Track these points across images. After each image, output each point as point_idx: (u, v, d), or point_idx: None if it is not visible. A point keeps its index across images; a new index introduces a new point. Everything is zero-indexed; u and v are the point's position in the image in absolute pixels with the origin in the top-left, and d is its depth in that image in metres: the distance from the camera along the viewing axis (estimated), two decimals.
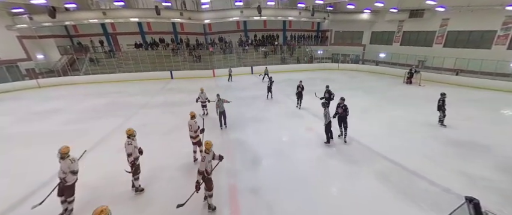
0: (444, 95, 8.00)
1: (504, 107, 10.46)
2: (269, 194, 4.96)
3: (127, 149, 4.79)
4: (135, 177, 5.04)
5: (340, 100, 7.12)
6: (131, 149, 4.79)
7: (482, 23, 15.80)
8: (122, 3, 17.54)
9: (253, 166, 6.18)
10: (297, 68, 22.33)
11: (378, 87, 14.61)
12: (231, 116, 10.03)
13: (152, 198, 5.01)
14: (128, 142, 4.80)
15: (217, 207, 4.59)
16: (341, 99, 7.12)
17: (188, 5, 23.04)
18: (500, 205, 4.36)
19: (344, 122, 7.15)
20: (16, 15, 17.74)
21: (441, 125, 8.14)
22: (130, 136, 4.88)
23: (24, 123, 10.20)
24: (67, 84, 19.17)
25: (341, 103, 7.05)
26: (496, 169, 5.58)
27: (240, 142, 7.58)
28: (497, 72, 14.07)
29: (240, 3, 19.92)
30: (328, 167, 6.04)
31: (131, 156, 4.80)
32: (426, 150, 6.61)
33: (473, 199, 2.18)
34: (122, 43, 23.18)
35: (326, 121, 6.79)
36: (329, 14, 24.03)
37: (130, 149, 4.78)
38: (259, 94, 13.44)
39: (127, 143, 4.80)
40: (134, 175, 5.02)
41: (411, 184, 5.17)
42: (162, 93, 15.30)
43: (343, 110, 6.99)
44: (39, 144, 7.98)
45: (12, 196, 5.15)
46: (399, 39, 21.48)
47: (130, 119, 10.16)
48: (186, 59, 21.75)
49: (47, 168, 6.20)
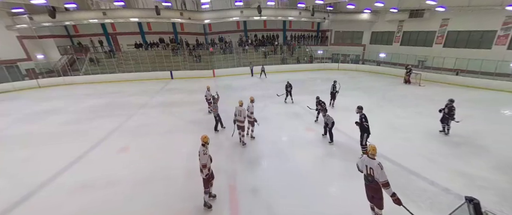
0: (452, 101, 7.16)
1: (504, 107, 10.44)
2: (269, 195, 4.96)
3: (202, 159, 4.15)
4: (206, 190, 4.41)
5: (358, 110, 6.23)
6: (206, 160, 4.19)
7: (482, 23, 15.78)
8: (122, 3, 17.52)
9: (253, 166, 6.17)
10: (297, 68, 22.31)
11: (378, 88, 14.60)
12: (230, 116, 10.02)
13: (152, 198, 5.00)
14: (203, 150, 4.17)
15: (217, 207, 4.58)
16: (358, 109, 6.21)
17: (188, 5, 23.04)
18: (500, 205, 4.36)
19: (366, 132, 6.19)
20: (16, 15, 17.73)
21: (445, 134, 7.53)
22: (206, 143, 4.22)
23: (24, 123, 10.20)
24: (66, 84, 19.18)
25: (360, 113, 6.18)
26: (496, 169, 5.58)
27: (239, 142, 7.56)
28: (497, 73, 14.06)
29: (240, 3, 19.89)
30: (328, 167, 6.04)
31: (206, 167, 4.20)
32: (426, 150, 6.61)
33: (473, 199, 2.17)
34: (122, 43, 23.17)
35: (330, 124, 7.03)
36: (329, 14, 24.02)
37: (205, 159, 4.18)
38: (259, 94, 13.43)
39: (203, 152, 4.14)
40: (205, 188, 4.39)
41: (411, 184, 5.16)
42: (162, 93, 15.29)
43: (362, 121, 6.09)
44: (38, 144, 7.99)
45: (12, 196, 5.14)
46: (399, 39, 21.47)
47: (130, 119, 10.16)
48: (186, 59, 21.74)
49: (46, 168, 6.22)
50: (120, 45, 23.18)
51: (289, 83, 11.58)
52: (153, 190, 5.27)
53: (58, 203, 4.92)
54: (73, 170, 6.22)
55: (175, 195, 5.08)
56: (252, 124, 7.49)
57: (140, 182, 5.57)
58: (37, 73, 19.54)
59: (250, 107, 7.10)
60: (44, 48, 20.54)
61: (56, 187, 5.50)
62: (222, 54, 22.61)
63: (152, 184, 5.49)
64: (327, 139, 7.36)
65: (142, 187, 5.36)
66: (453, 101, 7.22)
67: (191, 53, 22.37)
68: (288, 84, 11.55)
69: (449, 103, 7.23)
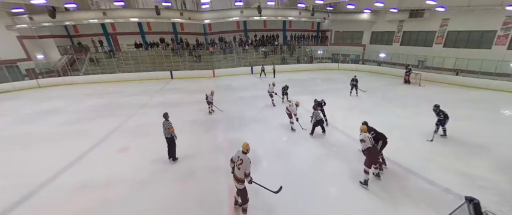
0: (438, 106, 7.16)
1: (504, 107, 10.44)
2: (268, 195, 4.94)
3: (248, 168, 3.94)
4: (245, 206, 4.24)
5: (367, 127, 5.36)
6: (250, 168, 4.00)
7: (482, 23, 15.77)
8: (122, 3, 17.52)
9: (253, 166, 6.09)
10: (297, 68, 22.30)
11: (378, 88, 14.60)
12: (230, 116, 10.05)
13: (151, 198, 5.00)
14: (248, 159, 3.98)
15: (216, 207, 4.58)
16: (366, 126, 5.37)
17: (188, 5, 23.04)
18: (500, 205, 4.35)
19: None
20: (16, 15, 17.72)
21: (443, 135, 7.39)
22: (247, 151, 4.04)
23: (24, 123, 10.20)
24: (66, 84, 19.18)
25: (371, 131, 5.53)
26: (496, 169, 5.57)
27: (240, 142, 7.49)
28: (497, 73, 14.05)
29: (240, 3, 19.89)
30: (328, 168, 6.03)
31: (249, 175, 4.01)
32: (425, 150, 6.60)
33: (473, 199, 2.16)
34: (122, 43, 23.16)
35: (314, 119, 7.49)
36: (329, 14, 24.01)
37: (250, 167, 4.00)
38: (259, 94, 13.43)
39: (249, 161, 3.97)
40: (244, 203, 4.21)
41: (411, 184, 5.16)
42: (162, 93, 15.29)
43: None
44: (39, 144, 7.99)
45: (12, 196, 5.14)
46: (399, 39, 21.46)
47: (130, 119, 10.16)
48: (186, 59, 21.74)
49: (46, 168, 6.22)
50: (120, 45, 23.18)
51: (287, 86, 11.81)
52: (153, 190, 5.26)
53: (58, 203, 4.92)
54: (73, 170, 6.22)
55: (175, 195, 5.08)
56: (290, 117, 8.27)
57: (140, 182, 5.57)
58: (37, 73, 19.54)
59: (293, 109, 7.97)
60: (44, 48, 20.55)
61: (56, 187, 5.50)
62: (222, 54, 22.62)
63: (152, 184, 5.49)
64: (326, 138, 7.31)
65: (142, 187, 5.36)
66: (437, 106, 7.20)
67: (191, 53, 22.37)
68: (285, 86, 11.73)
69: (435, 109, 7.19)
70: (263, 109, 10.96)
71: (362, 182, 5.10)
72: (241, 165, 3.93)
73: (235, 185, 4.08)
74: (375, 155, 4.97)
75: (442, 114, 7.09)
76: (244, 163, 3.91)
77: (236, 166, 4.03)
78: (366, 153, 4.91)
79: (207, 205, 4.73)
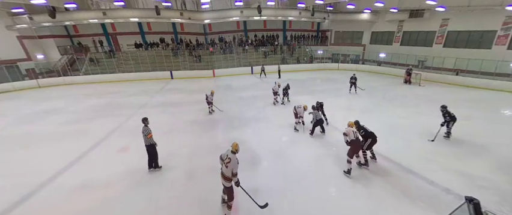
0: (445, 107, 7.10)
1: (504, 107, 10.44)
2: (268, 195, 4.95)
3: (235, 168, 4.01)
4: (230, 202, 4.26)
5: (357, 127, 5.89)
6: (237, 168, 4.09)
7: (482, 23, 15.77)
8: (122, 3, 17.53)
9: (253, 166, 6.17)
10: (297, 68, 22.31)
11: (378, 87, 14.60)
12: (230, 116, 10.05)
13: (151, 198, 5.00)
14: (236, 159, 4.05)
15: (216, 207, 4.58)
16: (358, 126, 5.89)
17: (188, 5, 23.05)
18: (500, 205, 4.35)
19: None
20: (16, 15, 17.73)
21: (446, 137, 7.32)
22: (236, 151, 4.11)
23: (24, 123, 10.20)
24: (66, 84, 19.18)
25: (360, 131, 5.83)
26: (496, 169, 5.57)
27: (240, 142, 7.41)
28: (497, 73, 14.05)
29: (240, 3, 19.89)
30: (328, 168, 6.02)
31: (236, 176, 4.06)
32: (425, 150, 6.60)
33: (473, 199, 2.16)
34: (122, 43, 23.17)
35: (314, 120, 7.62)
36: (329, 14, 24.02)
37: (237, 168, 4.07)
38: (259, 94, 13.43)
39: (237, 161, 4.04)
40: (230, 200, 4.24)
41: (411, 184, 5.16)
42: (162, 93, 15.29)
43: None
44: (39, 144, 7.98)
45: (12, 196, 5.14)
46: (399, 39, 21.46)
47: (130, 119, 10.15)
48: (186, 59, 21.74)
49: (46, 168, 6.22)
50: (120, 45, 23.19)
51: (288, 85, 11.77)
52: (153, 190, 5.26)
53: (58, 203, 4.92)
54: (73, 170, 6.22)
55: (175, 195, 5.08)
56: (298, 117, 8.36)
57: (140, 182, 5.57)
58: (37, 73, 19.55)
59: (301, 111, 8.04)
60: (44, 48, 20.55)
61: (56, 187, 5.50)
62: (222, 54, 22.62)
63: (152, 184, 5.49)
64: (326, 138, 7.34)
65: (142, 187, 5.36)
66: (445, 106, 7.12)
67: (191, 53, 22.38)
68: (287, 86, 11.68)
69: (443, 109, 7.11)
70: (263, 109, 10.96)
71: (346, 171, 5.53)
72: (229, 164, 3.99)
73: (223, 182, 4.15)
74: (356, 147, 5.46)
75: (448, 115, 7.01)
76: (232, 162, 3.98)
77: (224, 164, 4.09)
78: (349, 144, 5.42)
79: (206, 205, 4.73)
